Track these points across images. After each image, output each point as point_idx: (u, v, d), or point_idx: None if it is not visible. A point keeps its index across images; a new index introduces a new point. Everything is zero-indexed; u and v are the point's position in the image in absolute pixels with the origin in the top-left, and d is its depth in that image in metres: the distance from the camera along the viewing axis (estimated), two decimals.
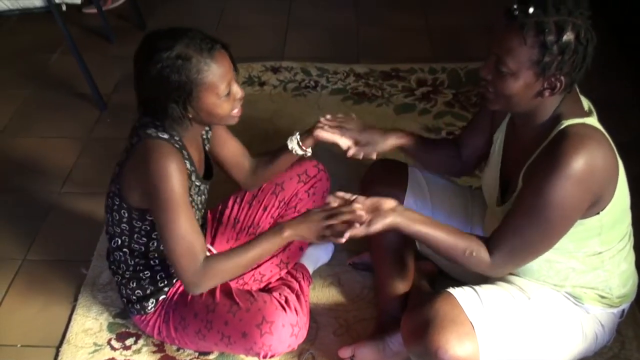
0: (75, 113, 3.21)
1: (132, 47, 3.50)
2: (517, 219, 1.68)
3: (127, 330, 2.16)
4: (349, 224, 1.70)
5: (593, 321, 1.86)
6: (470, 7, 4.07)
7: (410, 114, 3.11)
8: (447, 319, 1.69)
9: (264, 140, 2.85)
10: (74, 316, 2.22)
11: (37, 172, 2.85)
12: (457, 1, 4.16)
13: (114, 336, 2.15)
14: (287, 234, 1.77)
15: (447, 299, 1.75)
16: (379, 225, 1.70)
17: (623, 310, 1.93)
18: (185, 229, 1.72)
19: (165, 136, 1.75)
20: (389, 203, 1.74)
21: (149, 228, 1.88)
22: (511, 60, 1.58)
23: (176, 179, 1.70)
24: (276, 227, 1.80)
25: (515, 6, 1.58)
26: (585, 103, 1.72)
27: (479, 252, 1.71)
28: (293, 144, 2.02)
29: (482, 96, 1.74)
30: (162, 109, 1.71)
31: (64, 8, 3.07)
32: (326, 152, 2.26)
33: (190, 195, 1.85)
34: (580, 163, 1.56)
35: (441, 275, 2.23)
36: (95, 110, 3.22)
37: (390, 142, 2.04)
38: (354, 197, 1.76)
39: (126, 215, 1.86)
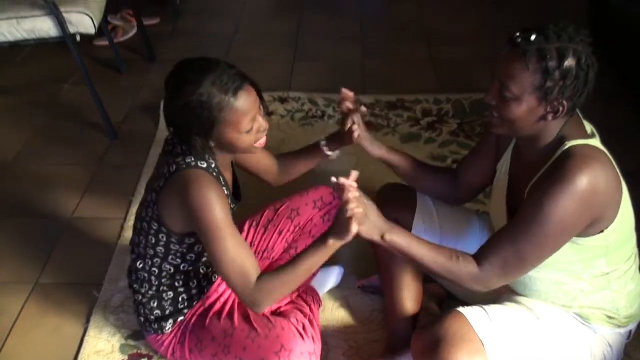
0: (87, 142, 3.27)
1: (142, 79, 3.61)
2: (514, 229, 1.70)
3: (140, 351, 2.18)
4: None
5: (601, 342, 1.88)
6: (472, 41, 4.17)
7: (416, 142, 3.16)
8: (457, 336, 1.71)
9: None
10: (86, 338, 2.24)
11: (49, 198, 2.90)
12: (460, 35, 4.26)
13: (126, 358, 2.17)
14: (332, 241, 1.75)
15: (457, 318, 1.77)
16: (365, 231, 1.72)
17: (630, 332, 1.95)
18: (234, 253, 1.75)
19: (204, 165, 1.79)
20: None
21: (185, 251, 1.92)
22: (514, 86, 1.63)
23: (218, 206, 1.73)
24: (319, 239, 1.79)
25: (518, 34, 1.64)
26: (588, 127, 1.76)
27: (465, 259, 1.73)
28: (323, 146, 2.12)
29: (488, 121, 1.79)
30: (187, 137, 1.76)
31: (78, 38, 3.13)
32: (336, 174, 2.26)
33: None
34: (583, 182, 1.60)
35: (449, 298, 2.25)
36: (106, 139, 3.28)
37: (377, 152, 2.11)
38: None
39: (164, 239, 1.89)
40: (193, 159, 1.78)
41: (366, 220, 1.71)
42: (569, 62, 1.59)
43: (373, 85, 3.70)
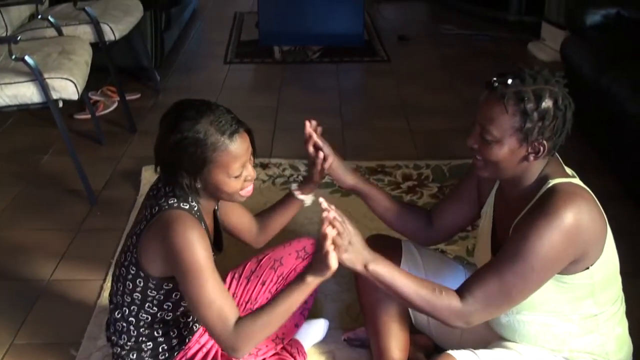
0: (66, 207, 3.24)
1: (123, 148, 3.64)
2: (498, 263, 1.69)
3: None
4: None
5: None
6: (448, 113, 4.27)
7: None
8: None
9: None
10: None
11: (26, 262, 2.84)
12: (436, 108, 4.37)
13: None
14: (310, 278, 1.73)
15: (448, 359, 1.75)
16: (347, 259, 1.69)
17: None
18: (213, 295, 1.71)
19: (186, 206, 1.78)
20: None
21: (162, 297, 1.87)
22: (495, 129, 1.67)
23: (200, 246, 1.71)
24: (297, 277, 1.78)
25: (495, 78, 1.69)
26: (569, 170, 1.80)
27: (448, 294, 1.71)
28: (295, 190, 2.10)
29: (472, 164, 1.81)
30: (173, 174, 1.76)
31: (60, 104, 3.16)
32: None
33: None
34: (569, 217, 1.62)
35: (437, 350, 2.20)
36: (86, 204, 3.25)
37: (351, 180, 2.10)
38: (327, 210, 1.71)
39: (141, 284, 1.85)
40: (176, 200, 1.78)
41: (350, 247, 1.69)
42: (546, 103, 1.63)
43: (353, 153, 3.73)
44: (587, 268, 1.72)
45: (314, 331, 2.33)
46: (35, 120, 4.00)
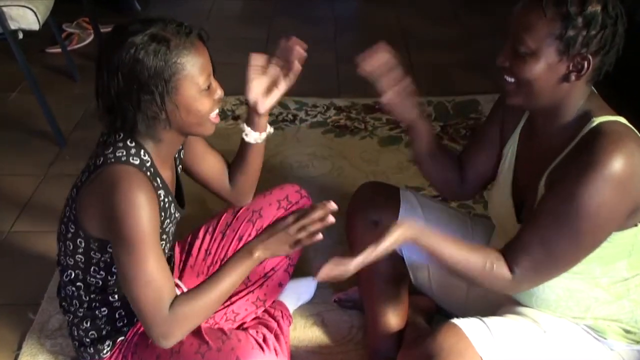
0: (33, 150, 2.99)
1: None
2: (541, 228, 1.47)
3: None
4: (323, 222, 1.54)
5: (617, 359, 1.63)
6: (451, 46, 4.03)
7: (396, 146, 2.97)
8: (453, 352, 1.49)
9: None
10: None
11: None
12: (437, 40, 4.11)
13: None
14: (258, 254, 1.56)
15: (452, 331, 1.53)
16: (387, 242, 1.48)
17: None
18: (153, 273, 1.49)
19: (136, 161, 1.51)
20: (395, 223, 1.52)
21: (109, 260, 1.62)
22: (530, 38, 1.41)
23: (145, 214, 1.46)
24: (243, 249, 1.58)
25: None
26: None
27: (499, 266, 1.51)
28: (249, 137, 1.79)
29: (503, 91, 1.56)
30: (135, 106, 1.47)
31: (20, 35, 2.86)
32: (310, 179, 2.06)
33: (163, 229, 1.63)
34: (620, 163, 1.38)
35: (439, 312, 2.02)
36: (55, 147, 3.00)
37: (411, 115, 1.80)
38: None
39: (83, 244, 1.60)
40: (124, 152, 1.50)
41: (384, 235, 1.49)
42: (593, 7, 1.38)
43: (348, 89, 3.48)
44: (636, 225, 1.49)
45: (301, 291, 2.12)
46: (1, 58, 3.69)
